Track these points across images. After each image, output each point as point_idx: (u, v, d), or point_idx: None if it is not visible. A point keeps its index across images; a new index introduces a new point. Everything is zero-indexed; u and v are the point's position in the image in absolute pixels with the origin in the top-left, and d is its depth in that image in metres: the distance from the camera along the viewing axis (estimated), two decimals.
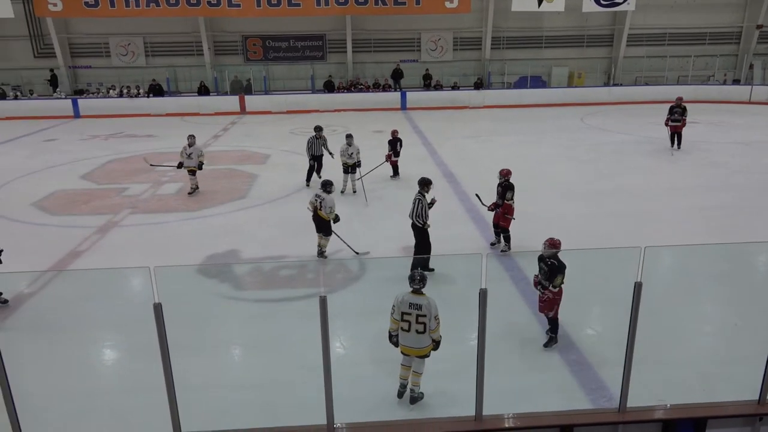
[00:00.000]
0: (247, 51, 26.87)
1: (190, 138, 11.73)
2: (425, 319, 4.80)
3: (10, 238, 9.58)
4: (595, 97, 25.04)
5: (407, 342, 4.92)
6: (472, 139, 17.68)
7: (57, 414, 5.06)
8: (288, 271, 8.16)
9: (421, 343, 4.88)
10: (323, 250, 8.40)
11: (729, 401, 4.65)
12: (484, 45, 27.02)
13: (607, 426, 4.48)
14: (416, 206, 7.61)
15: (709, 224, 9.73)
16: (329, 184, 8.30)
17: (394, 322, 4.93)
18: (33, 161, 15.42)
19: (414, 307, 4.82)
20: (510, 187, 8.34)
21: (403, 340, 4.94)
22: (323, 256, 8.39)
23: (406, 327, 4.85)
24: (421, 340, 4.86)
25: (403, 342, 4.95)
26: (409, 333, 4.86)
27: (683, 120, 14.61)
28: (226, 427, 4.41)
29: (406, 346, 4.95)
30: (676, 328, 6.40)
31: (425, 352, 4.95)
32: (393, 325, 4.96)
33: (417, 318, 4.79)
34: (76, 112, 23.80)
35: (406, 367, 5.07)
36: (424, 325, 4.81)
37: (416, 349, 4.92)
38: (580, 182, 12.34)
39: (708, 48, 27.58)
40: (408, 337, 4.88)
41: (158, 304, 3.84)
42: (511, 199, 8.32)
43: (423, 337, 4.85)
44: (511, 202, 8.33)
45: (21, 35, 25.51)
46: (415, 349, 4.92)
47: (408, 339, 4.90)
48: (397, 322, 4.91)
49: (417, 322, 4.80)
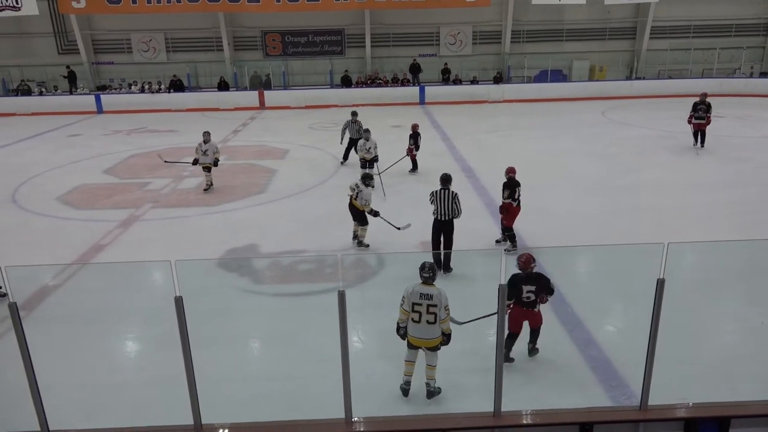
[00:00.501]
0: (267, 46, 26.99)
1: (206, 135, 11.69)
2: (436, 309, 4.81)
3: (35, 232, 9.81)
4: (616, 91, 24.64)
5: (418, 333, 4.91)
6: (491, 133, 17.55)
7: (81, 404, 5.16)
8: (306, 265, 8.19)
9: (431, 334, 4.89)
10: (361, 239, 8.47)
11: (754, 400, 4.56)
12: (504, 39, 26.77)
13: (628, 424, 4.42)
14: (456, 201, 7.60)
15: (733, 220, 9.54)
16: (369, 178, 8.42)
17: (404, 312, 4.93)
18: (57, 156, 15.69)
19: (424, 297, 4.83)
20: (508, 185, 8.13)
21: (413, 332, 4.94)
22: (362, 245, 8.45)
23: (417, 318, 4.86)
24: (431, 330, 4.87)
25: (413, 333, 4.94)
26: (419, 324, 4.86)
27: (708, 117, 13.94)
28: (245, 419, 4.45)
29: (417, 338, 4.94)
30: (699, 326, 6.29)
31: (436, 344, 4.95)
32: (402, 316, 4.96)
33: (428, 308, 4.80)
34: (99, 107, 24.16)
35: (410, 363, 5.06)
36: (434, 316, 4.81)
37: (426, 340, 4.92)
38: (601, 177, 12.18)
39: (734, 40, 26.96)
40: (418, 328, 4.88)
41: (179, 298, 3.88)
42: (509, 198, 8.09)
43: (434, 327, 4.86)
44: (509, 201, 8.11)
45: (45, 32, 25.97)
46: (426, 340, 4.92)
47: (418, 330, 4.89)
48: (406, 312, 4.91)
49: (428, 312, 4.81)
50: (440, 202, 7.60)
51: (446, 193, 7.62)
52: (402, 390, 5.11)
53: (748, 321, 6.56)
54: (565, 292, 6.91)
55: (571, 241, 8.42)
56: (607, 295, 7.05)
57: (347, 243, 8.74)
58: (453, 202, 7.60)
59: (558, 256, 7.97)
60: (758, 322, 6.44)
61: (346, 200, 8.51)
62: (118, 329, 6.70)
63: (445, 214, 7.60)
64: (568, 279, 7.47)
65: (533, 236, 8.91)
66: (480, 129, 18.25)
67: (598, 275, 7.70)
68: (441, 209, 7.60)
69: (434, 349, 4.99)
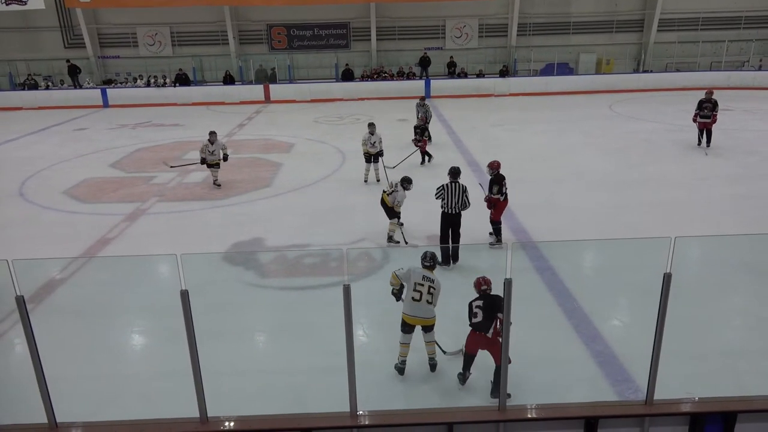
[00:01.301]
0: (272, 40, 26.95)
1: (212, 135, 11.43)
2: (435, 292, 5.19)
3: (42, 225, 9.86)
4: (624, 85, 24.48)
5: (417, 312, 5.19)
6: (497, 127, 17.48)
7: (88, 397, 5.19)
8: (312, 259, 8.19)
9: (429, 313, 5.22)
10: (391, 234, 8.44)
11: (760, 395, 4.53)
12: (510, 32, 26.62)
13: (634, 419, 4.41)
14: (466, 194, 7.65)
15: (741, 214, 9.47)
16: (408, 182, 8.34)
17: (395, 278, 5.29)
18: (63, 150, 15.76)
19: (427, 279, 5.20)
20: (495, 180, 8.07)
21: (412, 311, 5.20)
22: (391, 240, 8.42)
23: (418, 297, 5.16)
24: (429, 310, 5.21)
25: (412, 312, 5.20)
26: (419, 303, 5.17)
27: (714, 116, 13.37)
28: (250, 412, 4.47)
29: (414, 316, 5.21)
30: (706, 320, 6.26)
31: (432, 322, 5.27)
32: (394, 281, 5.30)
33: (429, 289, 5.17)
34: (105, 101, 24.22)
35: (405, 345, 5.30)
36: (432, 296, 5.18)
37: (424, 319, 5.23)
38: (608, 172, 12.11)
39: (743, 32, 26.69)
40: (418, 306, 5.18)
41: (185, 291, 3.89)
42: (497, 193, 8.03)
43: (431, 308, 5.21)
44: (497, 197, 8.04)
45: (51, 26, 26.02)
46: (423, 318, 5.23)
47: (418, 309, 5.19)
48: (398, 280, 5.28)
49: (428, 293, 5.16)
50: (450, 195, 7.61)
51: (456, 186, 7.65)
52: (398, 369, 5.33)
53: (756, 316, 6.53)
54: (571, 286, 6.90)
55: (577, 236, 8.39)
56: (614, 290, 7.02)
57: (352, 237, 8.74)
58: (463, 195, 7.63)
59: (564, 251, 7.95)
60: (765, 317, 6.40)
61: (352, 194, 8.51)
62: (124, 323, 6.73)
63: (455, 207, 7.62)
64: (575, 273, 7.45)
65: (540, 230, 8.88)
66: (486, 123, 18.18)
67: (605, 270, 7.67)
68: (451, 202, 7.61)
69: (430, 329, 5.28)
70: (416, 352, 5.56)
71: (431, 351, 5.36)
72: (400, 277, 5.30)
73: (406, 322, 5.25)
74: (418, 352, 5.52)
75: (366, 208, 9.91)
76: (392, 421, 4.37)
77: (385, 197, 8.33)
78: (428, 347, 5.36)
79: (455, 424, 4.34)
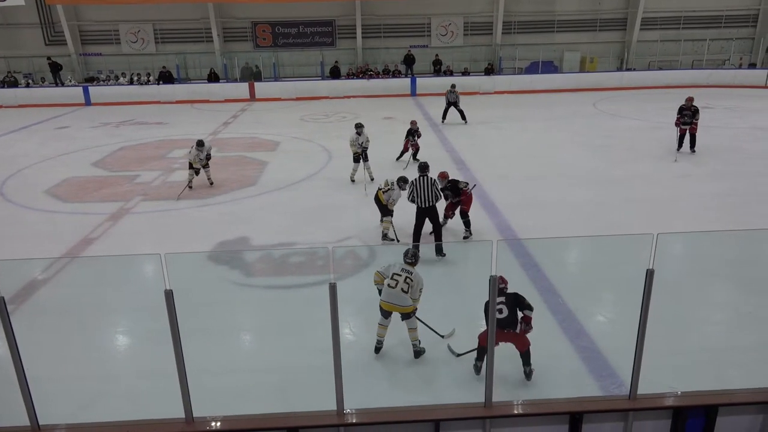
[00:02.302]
0: (257, 37, 26.81)
1: (200, 144, 11.13)
2: (412, 283, 5.43)
3: (24, 225, 9.72)
4: (607, 83, 24.73)
5: (391, 299, 5.43)
6: (482, 125, 17.55)
7: (71, 399, 5.14)
8: (298, 258, 8.17)
9: (403, 301, 5.42)
10: (386, 232, 8.44)
11: (741, 389, 4.61)
12: (495, 30, 26.74)
13: (618, 413, 4.46)
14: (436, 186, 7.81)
15: (722, 210, 9.62)
16: (405, 182, 8.34)
17: (378, 275, 5.57)
18: (45, 148, 15.54)
19: (405, 271, 5.49)
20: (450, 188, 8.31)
21: (388, 298, 5.44)
22: (386, 238, 8.41)
23: (393, 285, 5.41)
24: (404, 298, 5.41)
25: (388, 299, 5.44)
26: (394, 290, 5.40)
27: (694, 123, 12.97)
28: (237, 412, 4.45)
29: (389, 303, 5.44)
30: (688, 315, 6.35)
31: (407, 311, 5.47)
32: (378, 278, 5.58)
33: (405, 279, 5.44)
34: (87, 99, 23.93)
35: (383, 327, 5.55)
36: (408, 286, 5.42)
37: (398, 306, 5.44)
38: (592, 169, 12.22)
39: (723, 31, 27.09)
40: (392, 293, 5.40)
41: (169, 291, 3.86)
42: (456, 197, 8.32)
43: (406, 296, 5.41)
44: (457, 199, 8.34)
45: (32, 23, 25.65)
46: (398, 306, 5.44)
47: (392, 295, 5.41)
48: (381, 277, 5.53)
49: (404, 282, 5.43)
50: (421, 189, 7.72)
51: (425, 180, 7.77)
52: (375, 348, 5.61)
53: (736, 310, 6.63)
54: (556, 282, 6.96)
55: (562, 232, 8.46)
56: (598, 286, 7.09)
57: (339, 235, 8.73)
58: (433, 188, 7.77)
59: (549, 247, 8.01)
60: (746, 312, 6.51)
61: (338, 192, 8.49)
62: (108, 323, 6.66)
63: (427, 201, 7.73)
64: (559, 270, 7.52)
65: (525, 227, 8.94)
66: (472, 120, 18.23)
67: (589, 266, 7.75)
68: (423, 196, 7.72)
69: (407, 316, 5.49)
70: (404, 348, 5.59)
71: (413, 338, 5.56)
72: (382, 273, 5.55)
73: (382, 308, 5.52)
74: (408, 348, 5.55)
75: (352, 206, 9.91)
76: (379, 419, 4.38)
77: (380, 194, 8.38)
78: (410, 334, 5.55)
79: (442, 421, 4.36)
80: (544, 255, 7.62)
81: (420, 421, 4.40)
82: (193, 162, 11.20)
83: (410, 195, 7.85)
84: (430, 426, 4.37)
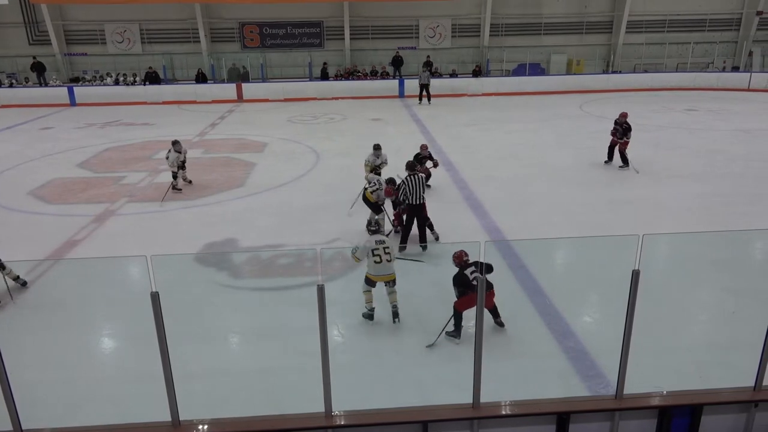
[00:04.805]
0: (244, 38, 26.69)
1: (177, 145, 11.09)
2: (390, 249, 6.05)
3: (7, 227, 9.59)
4: (593, 85, 24.95)
5: (381, 272, 6.03)
6: (470, 126, 17.61)
7: (55, 402, 5.07)
8: (286, 259, 8.14)
9: (390, 270, 6.07)
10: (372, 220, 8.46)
11: (725, 388, 4.67)
12: (483, 32, 26.86)
13: (604, 413, 4.50)
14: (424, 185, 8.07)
15: (707, 212, 9.73)
16: (393, 183, 8.42)
17: (356, 259, 6.11)
18: (29, 150, 15.34)
19: (380, 242, 6.04)
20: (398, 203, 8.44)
21: (376, 272, 6.03)
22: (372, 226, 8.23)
23: (379, 260, 5.99)
24: (390, 267, 6.06)
25: (376, 273, 6.04)
26: (381, 264, 6.00)
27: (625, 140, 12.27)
28: (224, 415, 4.43)
29: (380, 275, 6.05)
30: (674, 316, 6.41)
31: (393, 277, 6.10)
32: (357, 261, 6.15)
33: (384, 250, 6.00)
34: (71, 100, 23.67)
35: (369, 293, 6.14)
36: (390, 255, 6.02)
37: (387, 276, 6.08)
38: (578, 170, 12.31)
39: (707, 35, 27.45)
40: (381, 267, 6.02)
41: (155, 293, 3.83)
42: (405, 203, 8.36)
43: (391, 265, 6.06)
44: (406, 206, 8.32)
45: (16, 22, 25.32)
46: (387, 275, 6.07)
47: (381, 269, 6.02)
48: (358, 259, 6.09)
49: (385, 253, 6.00)
50: (414, 187, 7.89)
51: (416, 178, 7.98)
52: (366, 316, 6.10)
53: (721, 310, 6.72)
54: (543, 283, 7.00)
55: (548, 233, 8.52)
56: (585, 287, 7.15)
57: (327, 236, 8.71)
58: (424, 185, 8.05)
59: (535, 248, 8.06)
60: (730, 312, 6.59)
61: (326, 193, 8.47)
62: (93, 326, 6.60)
63: (420, 197, 7.92)
64: (546, 271, 7.56)
65: (511, 228, 8.99)
66: (459, 122, 18.31)
67: (575, 267, 7.80)
68: (416, 193, 7.89)
69: (392, 283, 6.09)
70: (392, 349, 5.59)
71: (394, 299, 6.09)
72: (359, 256, 6.07)
73: (370, 280, 6.09)
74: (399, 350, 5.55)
75: (340, 207, 9.89)
76: (367, 421, 4.38)
77: (369, 194, 8.48)
78: (392, 296, 6.10)
79: (430, 422, 4.37)
80: (531, 256, 7.67)
81: (408, 423, 4.40)
82: (173, 166, 11.04)
83: (402, 193, 8.00)
84: (418, 427, 4.38)
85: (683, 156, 13.34)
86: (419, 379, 5.29)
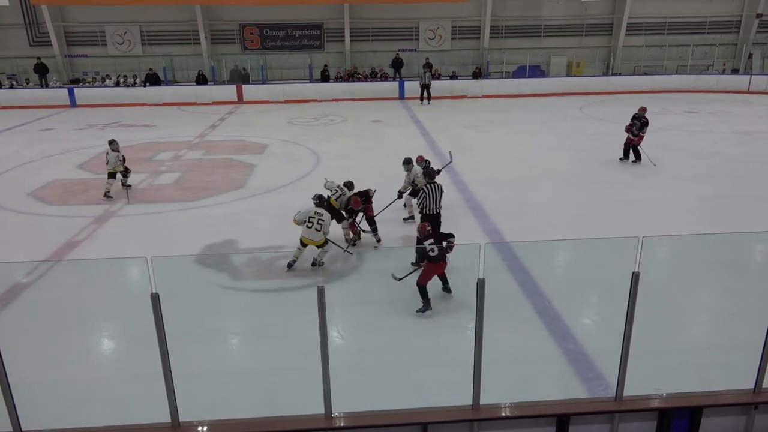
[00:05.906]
0: (245, 40, 26.72)
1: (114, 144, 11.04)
2: (324, 223, 7.38)
3: (7, 228, 9.59)
4: (593, 87, 24.96)
5: (310, 236, 7.39)
6: (470, 128, 17.62)
7: (55, 403, 5.07)
8: (286, 261, 8.13)
9: (318, 237, 7.40)
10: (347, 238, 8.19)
11: (725, 390, 4.67)
12: (483, 34, 26.89)
13: (604, 415, 4.49)
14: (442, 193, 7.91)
15: (707, 214, 9.74)
16: (351, 187, 8.49)
17: (296, 222, 7.50)
18: (29, 151, 15.34)
19: (318, 214, 7.40)
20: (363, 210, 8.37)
21: (307, 235, 7.39)
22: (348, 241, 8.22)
23: (310, 225, 7.34)
24: (318, 235, 7.38)
25: (308, 236, 7.39)
26: (311, 230, 7.36)
27: (640, 135, 12.55)
28: (224, 416, 4.42)
29: (309, 238, 7.41)
30: (673, 318, 6.41)
31: (320, 242, 7.42)
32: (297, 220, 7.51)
33: (318, 221, 7.36)
34: (72, 101, 23.68)
35: (299, 250, 7.46)
36: (321, 226, 7.35)
37: (314, 240, 7.41)
38: (578, 172, 12.32)
39: (707, 37, 27.48)
40: (311, 232, 7.37)
41: (155, 294, 3.83)
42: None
43: (320, 233, 7.38)
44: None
45: (16, 23, 25.34)
46: (315, 240, 7.40)
47: (310, 234, 7.38)
48: (299, 222, 7.45)
49: (318, 223, 7.36)
50: (432, 195, 7.69)
51: (435, 187, 7.78)
52: (288, 264, 7.49)
53: (721, 312, 6.72)
54: (543, 285, 7.00)
55: (548, 235, 8.52)
56: (584, 289, 7.15)
57: None
58: (442, 195, 7.85)
59: (535, 250, 8.06)
60: (729, 314, 6.59)
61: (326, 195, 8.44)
62: (93, 327, 6.59)
63: (437, 207, 7.74)
64: (546, 272, 7.56)
65: (511, 230, 8.99)
66: (459, 124, 18.31)
67: (575, 269, 7.80)
68: (434, 203, 7.69)
69: (320, 246, 7.44)
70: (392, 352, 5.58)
71: (321, 256, 7.54)
72: (298, 219, 7.46)
73: (302, 241, 7.43)
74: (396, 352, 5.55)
75: None
76: (367, 423, 4.38)
77: (333, 202, 8.23)
78: (319, 254, 7.53)
79: (430, 424, 4.37)
80: (531, 258, 7.67)
81: (408, 425, 4.40)
82: (116, 168, 10.94)
83: (421, 201, 7.72)
84: (418, 429, 4.38)
85: (683, 158, 13.34)
86: (419, 381, 5.29)
